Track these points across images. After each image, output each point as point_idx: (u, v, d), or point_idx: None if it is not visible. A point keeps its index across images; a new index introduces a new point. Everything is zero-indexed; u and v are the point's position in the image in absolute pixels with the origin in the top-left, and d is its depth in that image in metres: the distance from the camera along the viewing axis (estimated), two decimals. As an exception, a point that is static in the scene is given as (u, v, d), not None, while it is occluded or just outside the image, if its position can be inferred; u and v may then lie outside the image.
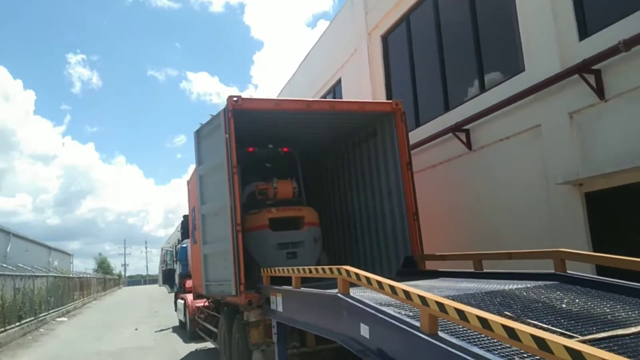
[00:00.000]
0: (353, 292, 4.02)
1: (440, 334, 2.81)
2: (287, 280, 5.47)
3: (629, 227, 6.18)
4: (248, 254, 7.00)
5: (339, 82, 14.36)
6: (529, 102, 7.27)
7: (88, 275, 42.77)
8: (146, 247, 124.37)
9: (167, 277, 18.04)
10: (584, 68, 6.14)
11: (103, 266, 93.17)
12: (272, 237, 7.25)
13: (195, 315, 12.71)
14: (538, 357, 2.48)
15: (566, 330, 3.09)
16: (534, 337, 2.10)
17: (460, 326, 2.98)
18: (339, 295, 3.91)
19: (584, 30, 6.45)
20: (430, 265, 7.02)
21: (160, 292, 50.09)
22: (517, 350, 2.62)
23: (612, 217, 6.33)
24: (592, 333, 3.02)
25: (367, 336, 3.50)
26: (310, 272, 4.72)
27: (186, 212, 13.23)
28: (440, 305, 2.70)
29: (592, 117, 6.32)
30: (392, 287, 3.23)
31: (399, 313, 3.32)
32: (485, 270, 5.66)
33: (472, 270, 5.78)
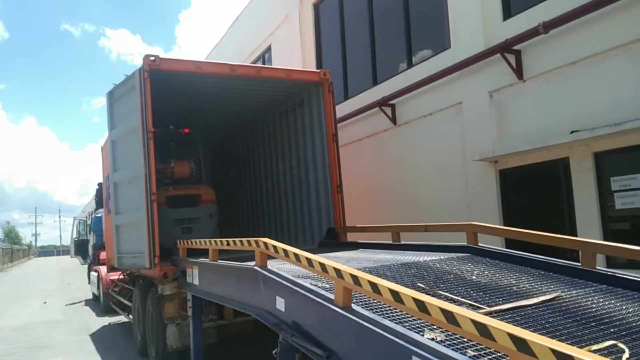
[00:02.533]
0: (271, 264, 3.90)
1: (354, 306, 2.76)
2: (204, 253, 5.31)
3: (537, 203, 6.53)
4: None
5: (269, 49, 13.96)
6: (453, 79, 7.41)
7: (-8, 246, 39.65)
8: (60, 216, 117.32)
9: (80, 248, 17.02)
10: (506, 48, 6.31)
11: (11, 235, 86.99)
12: (168, 213, 7.63)
13: (109, 288, 12.11)
14: (446, 330, 2.52)
15: (475, 302, 3.16)
16: (442, 310, 2.07)
17: (373, 300, 2.95)
18: (256, 268, 3.77)
19: (508, 10, 6.61)
20: (351, 237, 7.06)
21: (74, 264, 47.52)
22: (426, 323, 2.63)
23: (523, 194, 6.66)
24: (498, 304, 3.11)
25: (283, 309, 3.41)
26: (228, 244, 4.53)
27: (101, 180, 12.48)
28: (355, 278, 2.64)
29: (510, 96, 6.54)
30: (309, 260, 3.14)
31: (315, 286, 3.24)
32: (402, 242, 5.76)
33: (391, 242, 5.86)
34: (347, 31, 10.48)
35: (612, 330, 2.61)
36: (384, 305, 2.90)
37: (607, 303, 3.11)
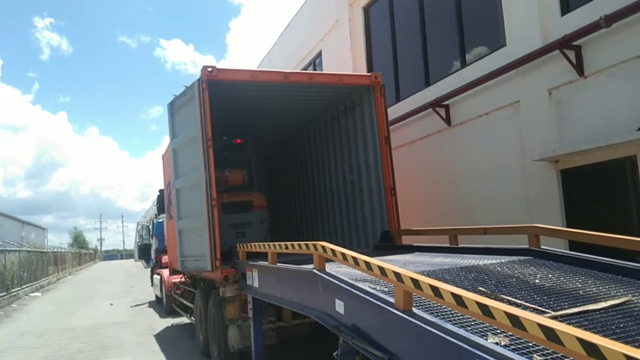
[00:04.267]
0: (329, 267, 3.97)
1: (415, 310, 2.78)
2: (263, 257, 5.47)
3: (602, 204, 6.25)
4: None
5: (319, 54, 14.11)
6: (509, 77, 7.23)
7: (63, 250, 42.13)
8: (122, 222, 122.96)
9: (143, 252, 17.84)
10: (565, 44, 6.09)
11: (78, 240, 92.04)
12: (224, 219, 7.89)
13: (171, 290, 12.62)
14: (510, 334, 2.49)
15: (539, 306, 3.10)
16: (507, 314, 2.06)
17: (433, 303, 2.96)
18: (314, 271, 3.85)
19: (566, 5, 6.38)
20: (406, 240, 7.03)
21: (137, 267, 49.70)
22: (490, 326, 2.61)
23: (587, 194, 6.39)
24: (564, 308, 3.03)
25: (342, 312, 3.46)
26: (287, 247, 4.64)
27: (162, 187, 13.01)
28: (415, 282, 2.66)
29: (570, 93, 6.31)
30: (367, 263, 3.18)
31: (373, 289, 3.28)
32: (460, 245, 5.68)
33: (448, 245, 5.80)
34: (398, 33, 10.44)
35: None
36: (444, 309, 2.90)
37: (683, 309, 2.96)
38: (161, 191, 17.20)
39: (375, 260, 3.15)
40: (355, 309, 3.31)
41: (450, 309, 2.84)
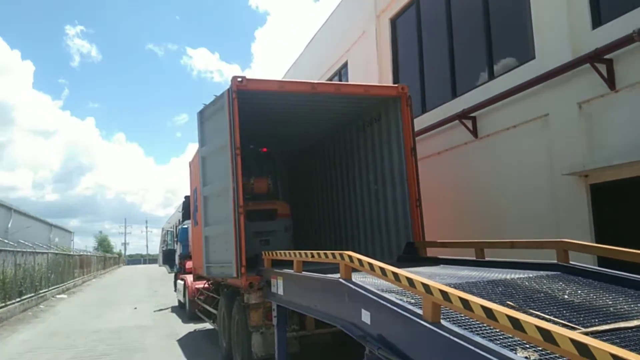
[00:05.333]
0: (354, 277, 3.99)
1: (443, 322, 2.78)
2: (288, 265, 5.53)
3: (632, 220, 6.13)
4: None
5: (345, 65, 14.21)
6: (538, 90, 7.17)
7: (88, 253, 43.01)
8: (147, 227, 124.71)
9: (167, 257, 18.08)
10: (596, 57, 6.03)
11: (103, 244, 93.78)
12: (249, 226, 7.93)
13: (194, 296, 12.76)
14: (540, 348, 2.48)
15: (568, 322, 3.06)
16: (539, 328, 2.06)
17: (461, 315, 2.96)
18: (341, 280, 3.88)
19: (598, 19, 6.33)
20: (431, 252, 6.99)
21: (160, 272, 50.34)
22: (519, 340, 2.60)
23: (617, 210, 6.28)
24: (594, 325, 3.00)
25: (369, 322, 3.48)
26: (313, 256, 4.68)
27: (186, 193, 13.21)
28: (444, 294, 2.67)
29: (601, 107, 6.23)
30: (395, 274, 3.20)
31: (400, 300, 3.29)
32: (487, 259, 5.63)
33: (474, 258, 5.75)
34: (425, 44, 10.46)
35: None
36: (472, 322, 2.89)
37: None
38: (187, 197, 17.48)
39: (403, 271, 3.16)
40: (382, 319, 3.33)
41: (477, 322, 2.85)
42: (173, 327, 12.62)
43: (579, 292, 3.85)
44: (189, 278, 13.54)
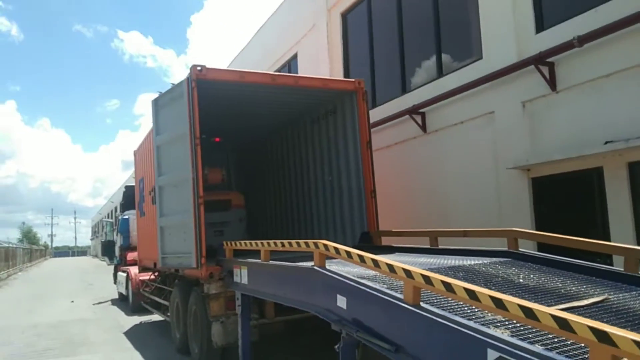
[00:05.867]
0: (327, 265, 4.15)
1: (422, 304, 3.00)
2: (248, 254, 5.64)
3: (569, 210, 6.71)
4: None
5: (295, 56, 14.26)
6: (485, 89, 7.62)
7: (13, 245, 40.40)
8: (75, 218, 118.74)
9: (107, 249, 17.44)
10: (539, 60, 6.51)
11: (29, 236, 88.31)
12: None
13: (139, 288, 12.45)
14: (511, 326, 2.75)
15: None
16: (520, 306, 2.30)
17: (437, 299, 3.19)
18: (316, 268, 4.02)
19: (541, 24, 6.81)
20: (385, 241, 7.29)
21: (92, 264, 48.20)
22: (491, 319, 2.87)
23: (555, 202, 6.84)
24: (552, 305, 3.32)
25: (344, 307, 3.65)
26: (283, 245, 4.79)
27: (117, 182, 12.80)
28: (426, 278, 2.88)
29: (543, 107, 6.74)
30: (374, 261, 3.38)
31: (377, 285, 3.48)
32: (440, 247, 5.97)
33: (428, 246, 6.07)
34: (376, 40, 10.74)
35: (664, 329, 2.82)
36: (448, 305, 3.13)
37: (653, 305, 3.31)
38: (127, 187, 16.95)
39: (382, 258, 3.35)
40: (359, 304, 3.51)
41: (452, 304, 3.10)
42: (116, 319, 12.26)
43: (531, 276, 4.23)
44: (133, 270, 13.17)
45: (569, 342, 2.41)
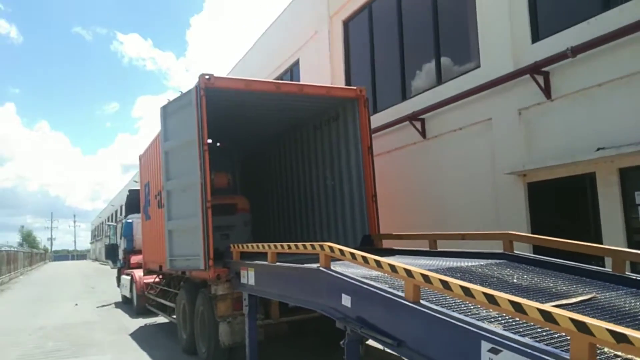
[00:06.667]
0: (332, 266, 4.38)
1: (422, 302, 3.24)
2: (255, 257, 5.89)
3: (564, 214, 6.96)
4: None
5: (297, 63, 14.53)
6: (482, 97, 7.88)
7: (14, 249, 40.59)
8: (74, 221, 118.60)
9: (110, 252, 17.66)
10: (535, 69, 6.77)
11: (29, 240, 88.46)
12: None
13: (144, 291, 12.68)
14: (504, 321, 2.99)
15: (521, 301, 3.62)
16: (511, 302, 2.55)
17: (436, 297, 3.43)
18: (321, 268, 4.26)
19: (537, 34, 7.08)
20: (386, 244, 7.53)
21: (93, 268, 48.40)
22: (485, 316, 3.11)
23: (550, 205, 7.09)
24: (542, 303, 3.56)
25: (349, 305, 3.88)
26: (290, 247, 5.03)
27: (117, 186, 13.01)
28: (425, 277, 3.12)
29: (538, 114, 7.00)
30: (377, 262, 3.63)
31: (380, 285, 3.72)
32: (439, 249, 6.21)
33: (427, 249, 6.31)
34: (377, 48, 11.01)
35: (644, 324, 3.06)
36: (445, 302, 3.37)
37: (636, 303, 3.56)
38: (131, 191, 17.19)
39: (384, 259, 3.59)
40: (363, 302, 3.74)
41: (449, 302, 3.34)
42: (121, 322, 12.46)
43: (525, 276, 4.47)
44: (137, 273, 13.39)
45: (556, 335, 2.66)
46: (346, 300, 3.92)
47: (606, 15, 6.07)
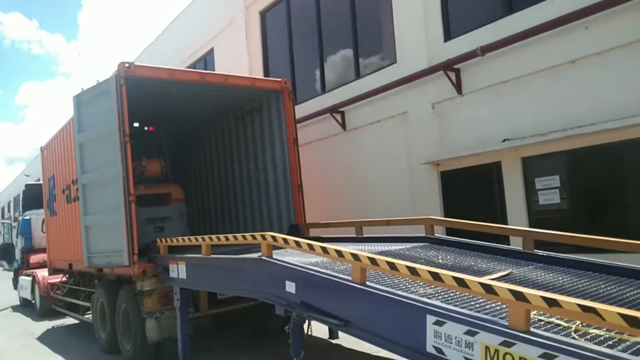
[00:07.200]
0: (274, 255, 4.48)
1: (368, 283, 3.46)
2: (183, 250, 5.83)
3: (474, 200, 7.62)
4: None
5: (211, 51, 14.22)
6: (399, 91, 8.34)
7: None
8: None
9: (5, 252, 16.13)
10: (448, 66, 7.31)
11: None
12: (140, 213, 7.42)
13: (49, 291, 11.82)
14: (440, 297, 3.30)
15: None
16: (454, 278, 2.84)
17: (375, 278, 3.68)
18: (264, 258, 4.34)
19: (449, 33, 7.63)
20: (313, 232, 7.73)
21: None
22: (424, 293, 3.41)
23: (461, 192, 7.72)
24: (469, 279, 3.96)
25: (293, 291, 4.02)
26: (227, 239, 5.03)
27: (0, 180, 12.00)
28: (372, 260, 3.34)
29: (450, 108, 7.58)
30: (323, 248, 3.79)
31: (325, 270, 3.90)
32: (365, 235, 6.53)
33: (354, 235, 6.61)
34: (295, 40, 11.13)
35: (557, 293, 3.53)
36: (389, 282, 3.63)
37: (547, 275, 4.08)
38: (28, 186, 15.83)
39: (330, 245, 3.77)
40: (308, 287, 3.90)
41: (392, 283, 3.60)
42: (24, 326, 11.52)
43: (448, 257, 4.90)
44: (40, 273, 12.43)
45: (488, 306, 3.01)
46: (290, 287, 4.05)
47: (511, 18, 6.71)
